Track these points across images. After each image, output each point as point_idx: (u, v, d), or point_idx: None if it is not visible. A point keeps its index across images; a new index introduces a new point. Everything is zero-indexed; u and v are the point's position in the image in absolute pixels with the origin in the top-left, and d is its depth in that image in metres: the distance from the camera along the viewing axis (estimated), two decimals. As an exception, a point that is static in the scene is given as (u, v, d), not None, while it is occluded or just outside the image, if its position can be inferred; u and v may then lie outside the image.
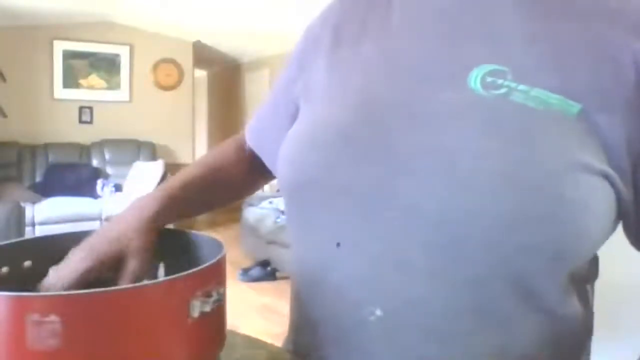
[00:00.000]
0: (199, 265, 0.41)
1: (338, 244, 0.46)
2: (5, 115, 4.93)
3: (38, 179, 5.03)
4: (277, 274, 3.77)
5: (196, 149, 6.34)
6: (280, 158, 0.54)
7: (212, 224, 5.60)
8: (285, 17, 4.20)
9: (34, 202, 4.52)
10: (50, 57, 5.30)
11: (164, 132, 5.80)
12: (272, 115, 0.64)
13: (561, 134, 0.40)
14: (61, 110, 5.37)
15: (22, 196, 4.47)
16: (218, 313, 0.44)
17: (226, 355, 0.52)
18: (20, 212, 3.66)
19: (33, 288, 0.41)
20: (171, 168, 5.36)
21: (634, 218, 0.43)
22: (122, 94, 5.68)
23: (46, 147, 5.14)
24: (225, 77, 7.28)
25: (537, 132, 0.40)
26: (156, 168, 5.11)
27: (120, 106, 5.66)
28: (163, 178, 5.00)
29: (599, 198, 0.40)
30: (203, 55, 6.18)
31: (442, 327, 0.42)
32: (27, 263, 0.51)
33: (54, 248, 0.54)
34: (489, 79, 0.42)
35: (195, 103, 6.22)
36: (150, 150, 5.54)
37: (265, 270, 3.78)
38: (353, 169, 0.45)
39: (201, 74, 7.20)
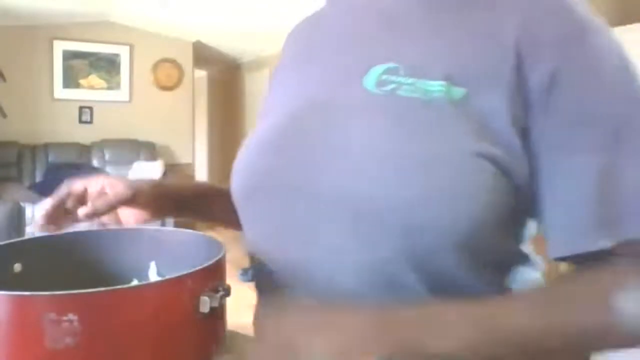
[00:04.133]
0: (196, 264, 0.41)
1: (269, 238, 0.51)
2: (5, 115, 4.93)
3: (38, 179, 5.03)
4: (277, 274, 3.75)
5: (196, 149, 6.34)
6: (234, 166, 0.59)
7: (212, 224, 5.60)
8: (285, 17, 4.20)
9: (34, 202, 4.52)
10: (50, 57, 5.30)
11: (164, 132, 5.79)
12: None
13: (445, 120, 0.43)
14: (61, 110, 5.37)
15: (22, 196, 4.47)
16: (223, 309, 0.45)
17: (223, 355, 0.52)
18: (20, 212, 3.67)
19: (50, 285, 0.41)
20: (171, 168, 5.36)
21: (534, 192, 0.44)
22: (122, 94, 5.68)
23: (46, 147, 5.13)
24: (225, 77, 7.27)
25: (420, 121, 0.43)
26: (156, 168, 5.11)
27: (120, 106, 5.65)
28: (163, 178, 5.00)
29: (482, 178, 0.42)
30: (203, 55, 6.18)
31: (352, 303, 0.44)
32: (37, 261, 0.51)
33: (62, 246, 0.55)
34: (383, 77, 0.46)
35: (195, 103, 6.22)
36: (150, 150, 5.54)
37: (265, 270, 3.76)
38: (282, 168, 0.50)
39: (201, 74, 7.19)
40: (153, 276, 0.59)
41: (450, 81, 0.44)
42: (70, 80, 5.43)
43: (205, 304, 0.40)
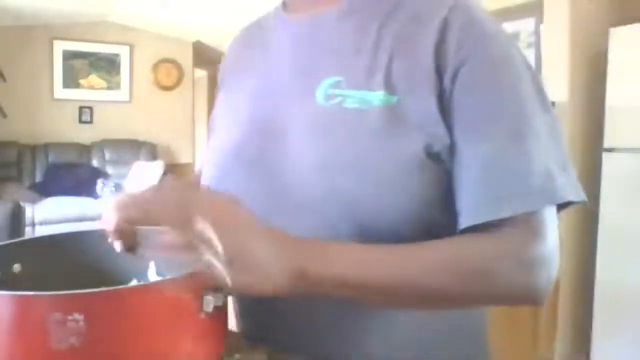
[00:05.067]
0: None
1: None
2: (5, 115, 4.93)
3: (38, 179, 5.03)
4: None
5: (196, 149, 6.34)
6: (202, 179, 0.65)
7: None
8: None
9: (34, 202, 4.52)
10: (50, 57, 5.30)
11: (164, 132, 5.79)
12: None
13: (383, 125, 0.50)
14: (61, 110, 5.36)
15: (22, 196, 4.47)
16: (225, 309, 0.45)
17: (226, 355, 0.52)
18: (20, 212, 3.66)
19: (50, 285, 0.41)
20: (171, 168, 5.36)
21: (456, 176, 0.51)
22: (122, 94, 5.68)
23: (46, 147, 5.13)
24: (225, 77, 7.27)
25: (363, 128, 0.50)
26: (156, 168, 5.11)
27: (120, 106, 5.65)
28: (163, 178, 5.00)
29: (409, 170, 0.50)
30: (203, 55, 6.18)
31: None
32: (37, 261, 0.51)
33: (62, 246, 0.55)
34: (330, 91, 0.53)
35: (195, 103, 6.22)
36: (150, 150, 5.54)
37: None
38: (243, 178, 0.57)
39: (201, 74, 7.19)
40: (152, 276, 0.59)
41: (387, 91, 0.51)
42: (70, 80, 5.43)
43: (209, 304, 0.41)
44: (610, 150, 2.25)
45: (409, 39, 0.52)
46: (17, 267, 0.50)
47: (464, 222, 0.49)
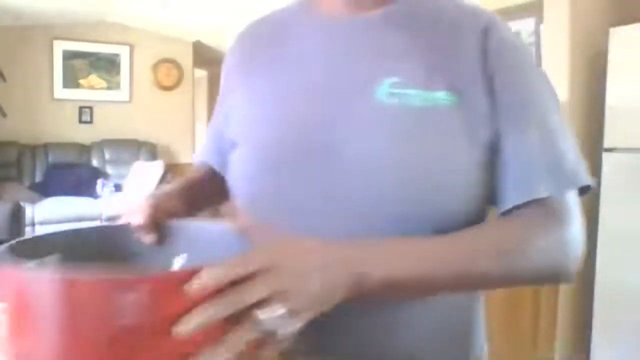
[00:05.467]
0: (221, 255, 0.43)
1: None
2: (5, 115, 4.93)
3: (38, 179, 5.03)
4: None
5: (196, 149, 6.33)
6: (233, 176, 0.64)
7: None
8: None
9: (34, 202, 4.52)
10: (50, 57, 5.30)
11: (164, 132, 5.79)
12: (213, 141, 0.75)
13: (443, 121, 0.54)
14: (61, 110, 5.36)
15: (22, 196, 4.47)
16: None
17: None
18: (20, 212, 3.66)
19: None
20: (171, 168, 5.36)
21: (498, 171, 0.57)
22: (122, 94, 5.68)
23: (46, 147, 5.13)
24: (225, 77, 7.26)
25: (430, 125, 0.54)
26: (156, 168, 5.11)
27: (120, 106, 5.65)
28: (163, 178, 5.00)
29: (467, 160, 0.55)
30: (203, 55, 6.18)
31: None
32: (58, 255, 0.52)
33: (85, 240, 0.58)
34: (391, 90, 0.55)
35: (195, 103, 6.22)
36: (150, 150, 5.54)
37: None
38: (288, 175, 0.57)
39: (201, 74, 7.18)
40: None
41: (448, 91, 0.55)
42: (70, 80, 5.43)
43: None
44: (610, 150, 2.25)
45: (455, 45, 0.57)
46: (51, 259, 0.51)
47: (506, 203, 0.55)
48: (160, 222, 0.60)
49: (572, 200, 0.56)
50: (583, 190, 0.58)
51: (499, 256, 0.51)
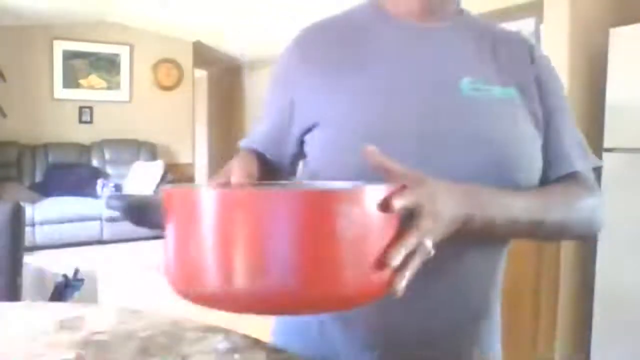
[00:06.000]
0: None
1: None
2: (5, 115, 4.93)
3: (38, 179, 5.03)
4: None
5: (196, 149, 6.34)
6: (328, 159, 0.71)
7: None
8: (285, 17, 4.20)
9: (34, 202, 4.52)
10: (50, 57, 5.31)
11: (164, 132, 5.80)
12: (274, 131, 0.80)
13: (517, 110, 0.70)
14: (61, 110, 5.37)
15: (22, 196, 4.47)
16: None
17: (226, 355, 0.52)
18: (20, 212, 3.66)
19: None
20: (171, 168, 5.36)
21: (544, 147, 0.72)
22: (122, 94, 5.68)
23: (46, 147, 5.14)
24: (225, 77, 7.27)
25: (508, 113, 0.69)
26: (156, 168, 5.11)
27: (120, 106, 5.66)
28: (163, 178, 5.00)
29: (534, 139, 0.70)
30: (203, 55, 6.18)
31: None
32: None
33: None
34: (474, 85, 0.69)
35: (195, 103, 6.22)
36: (150, 150, 5.54)
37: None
38: (402, 155, 0.63)
39: (201, 74, 7.19)
40: None
41: (515, 88, 0.70)
42: (70, 80, 5.43)
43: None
44: (610, 150, 2.25)
45: (513, 54, 0.74)
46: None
47: (553, 173, 0.72)
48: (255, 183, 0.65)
49: (593, 177, 0.74)
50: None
51: (563, 208, 0.67)
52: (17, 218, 3.39)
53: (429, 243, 0.50)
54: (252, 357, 0.58)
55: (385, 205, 0.47)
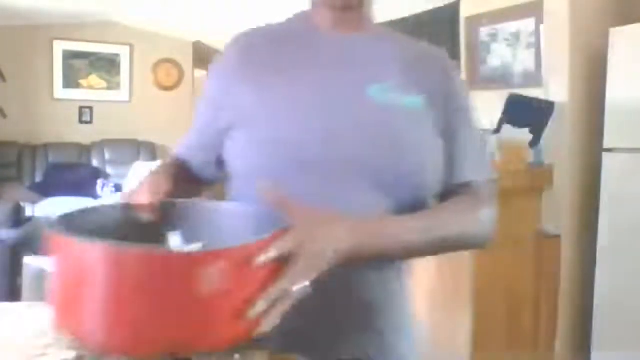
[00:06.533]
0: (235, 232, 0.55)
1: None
2: (5, 116, 4.93)
3: (38, 179, 5.03)
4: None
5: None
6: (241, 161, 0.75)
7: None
8: (284, 18, 4.20)
9: (34, 202, 4.52)
10: (50, 57, 5.30)
11: (164, 132, 5.78)
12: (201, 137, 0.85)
13: (422, 119, 0.75)
14: (61, 110, 5.37)
15: (22, 196, 4.47)
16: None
17: (226, 355, 0.52)
18: (20, 212, 3.66)
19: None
20: (171, 168, 5.35)
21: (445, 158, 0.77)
22: (122, 94, 5.68)
23: (46, 147, 5.14)
24: (225, 77, 7.26)
25: (412, 119, 0.74)
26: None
27: (120, 106, 5.66)
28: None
29: (437, 148, 0.76)
30: (203, 55, 6.18)
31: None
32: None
33: (80, 221, 0.60)
34: (382, 93, 0.74)
35: (195, 103, 6.22)
36: (150, 150, 5.54)
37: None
38: (314, 155, 0.71)
39: (201, 74, 7.18)
40: (176, 245, 0.63)
41: (423, 96, 0.75)
42: (70, 80, 5.43)
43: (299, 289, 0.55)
44: (610, 150, 2.25)
45: (425, 67, 0.79)
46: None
47: (455, 180, 0.77)
48: (160, 201, 0.67)
49: (488, 188, 0.80)
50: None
51: (455, 227, 0.71)
52: (17, 218, 3.39)
53: (297, 287, 0.52)
54: (252, 357, 0.58)
55: (250, 262, 0.49)
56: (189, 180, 0.83)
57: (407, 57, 0.79)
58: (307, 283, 0.53)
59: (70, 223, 0.54)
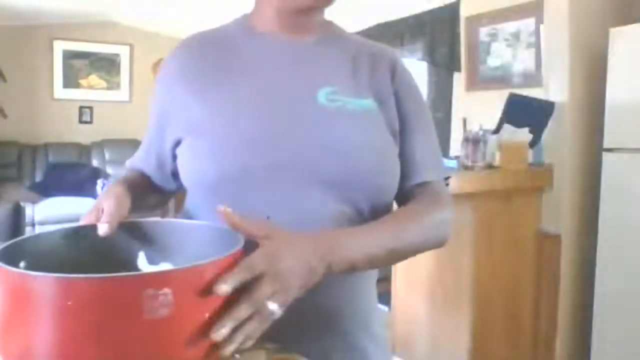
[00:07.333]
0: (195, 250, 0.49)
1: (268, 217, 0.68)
2: (5, 116, 4.93)
3: (38, 179, 5.03)
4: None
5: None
6: (198, 163, 0.72)
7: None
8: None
9: (34, 202, 4.52)
10: (50, 57, 5.30)
11: (164, 132, 5.79)
12: (151, 148, 0.83)
13: (374, 120, 0.75)
14: (61, 110, 5.37)
15: (22, 196, 4.48)
16: None
17: (225, 355, 0.52)
18: (20, 212, 3.67)
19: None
20: (171, 168, 5.35)
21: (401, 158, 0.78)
22: (122, 94, 5.68)
23: (46, 147, 5.14)
24: (225, 77, 7.27)
25: (361, 123, 0.73)
26: (156, 168, 5.10)
27: (120, 106, 5.65)
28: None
29: (391, 148, 0.76)
30: (203, 55, 6.18)
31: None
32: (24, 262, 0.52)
33: (61, 242, 0.59)
34: (330, 96, 0.73)
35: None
36: (150, 150, 5.53)
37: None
38: (263, 165, 0.70)
39: (201, 74, 7.19)
40: (144, 265, 0.61)
41: (373, 99, 0.76)
42: (70, 80, 5.43)
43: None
44: (610, 150, 2.25)
45: (374, 68, 0.79)
46: (22, 265, 0.52)
47: (412, 181, 0.78)
48: (127, 220, 0.65)
49: (444, 186, 0.82)
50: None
51: (415, 232, 0.72)
52: (17, 218, 3.40)
53: (271, 306, 0.51)
54: (252, 357, 0.58)
55: (202, 283, 0.46)
56: (150, 191, 0.83)
57: (356, 59, 0.79)
58: (277, 304, 0.51)
59: (17, 251, 0.52)
